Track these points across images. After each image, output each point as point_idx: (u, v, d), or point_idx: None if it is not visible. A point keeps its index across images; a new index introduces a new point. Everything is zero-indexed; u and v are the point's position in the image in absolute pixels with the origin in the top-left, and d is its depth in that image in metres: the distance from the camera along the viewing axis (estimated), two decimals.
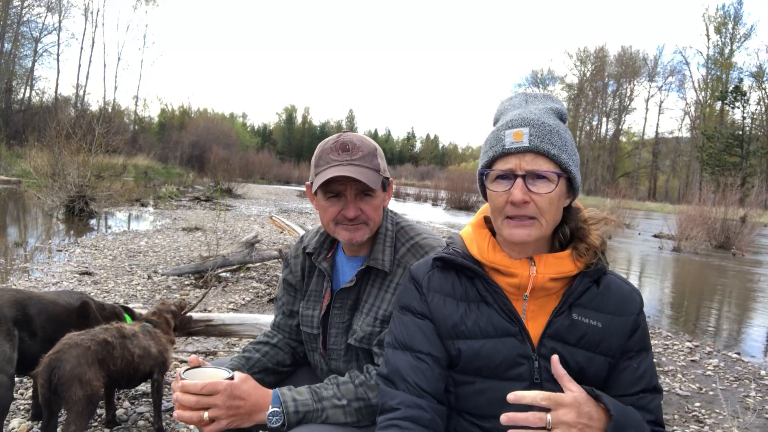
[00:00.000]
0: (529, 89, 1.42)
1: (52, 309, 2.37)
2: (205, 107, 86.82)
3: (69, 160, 11.73)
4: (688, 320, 6.48)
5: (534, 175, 1.08)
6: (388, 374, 1.18)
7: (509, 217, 1.11)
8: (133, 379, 2.35)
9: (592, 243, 1.14)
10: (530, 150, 1.08)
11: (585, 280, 1.14)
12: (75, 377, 1.95)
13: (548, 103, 1.18)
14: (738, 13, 57.81)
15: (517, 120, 1.11)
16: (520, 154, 1.09)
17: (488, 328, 1.15)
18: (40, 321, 2.28)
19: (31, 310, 2.27)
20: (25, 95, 45.88)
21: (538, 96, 1.21)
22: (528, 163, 1.08)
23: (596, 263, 1.14)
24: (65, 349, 2.00)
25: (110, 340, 2.16)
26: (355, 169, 1.37)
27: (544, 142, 1.08)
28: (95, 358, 2.05)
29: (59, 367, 1.95)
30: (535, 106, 1.16)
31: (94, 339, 2.09)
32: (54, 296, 2.48)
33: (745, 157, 48.92)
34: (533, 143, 1.08)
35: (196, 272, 6.17)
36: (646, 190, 66.84)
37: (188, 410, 1.15)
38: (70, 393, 1.94)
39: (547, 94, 1.22)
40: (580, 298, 1.13)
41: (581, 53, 72.82)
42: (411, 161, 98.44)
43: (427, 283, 1.23)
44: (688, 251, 13.74)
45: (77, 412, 1.94)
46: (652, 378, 1.15)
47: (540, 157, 1.08)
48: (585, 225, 1.18)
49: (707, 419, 3.28)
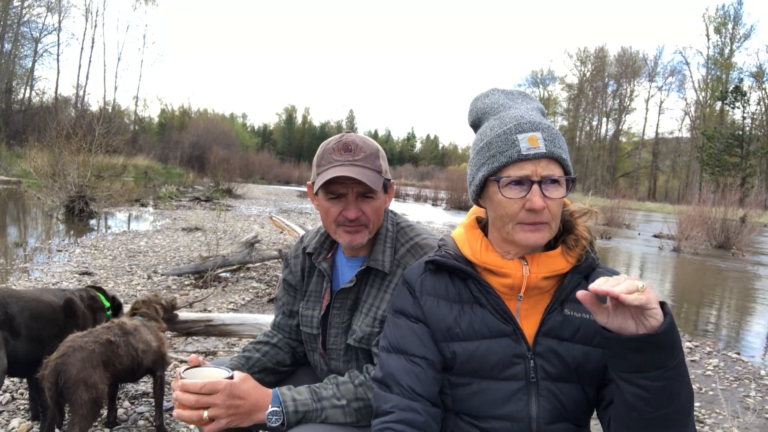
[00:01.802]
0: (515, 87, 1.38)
1: (35, 306, 2.29)
2: (205, 107, 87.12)
3: (69, 161, 11.73)
4: (688, 320, 6.48)
5: (548, 180, 1.07)
6: (382, 377, 1.18)
7: (522, 223, 1.10)
8: (137, 374, 2.35)
9: (581, 233, 1.16)
10: (546, 156, 1.07)
11: (576, 276, 1.15)
12: (81, 381, 1.96)
13: (532, 101, 1.19)
14: (738, 14, 57.92)
15: (526, 124, 1.08)
16: (536, 160, 1.06)
17: (482, 329, 1.15)
18: (22, 319, 2.21)
19: (12, 308, 2.19)
20: (25, 95, 45.96)
21: (515, 93, 1.20)
22: (543, 168, 1.07)
23: (586, 257, 1.15)
24: (70, 353, 2.00)
25: (113, 340, 2.15)
26: (357, 169, 1.37)
27: (556, 146, 1.08)
28: (100, 360, 2.05)
29: (65, 371, 1.95)
30: (525, 106, 1.16)
31: (97, 341, 2.09)
32: (36, 293, 2.41)
33: (745, 158, 48.93)
34: (549, 149, 1.06)
35: (196, 272, 6.17)
36: (646, 191, 66.85)
37: (188, 409, 1.15)
38: (76, 396, 1.94)
39: (522, 92, 1.21)
40: (571, 294, 1.13)
41: (581, 53, 72.90)
42: (411, 161, 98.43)
43: (420, 286, 1.22)
44: (688, 251, 13.74)
45: (82, 415, 1.94)
46: None
47: (553, 162, 1.08)
48: (571, 218, 1.19)
49: (707, 419, 3.28)
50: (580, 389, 1.13)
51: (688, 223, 14.63)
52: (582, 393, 1.13)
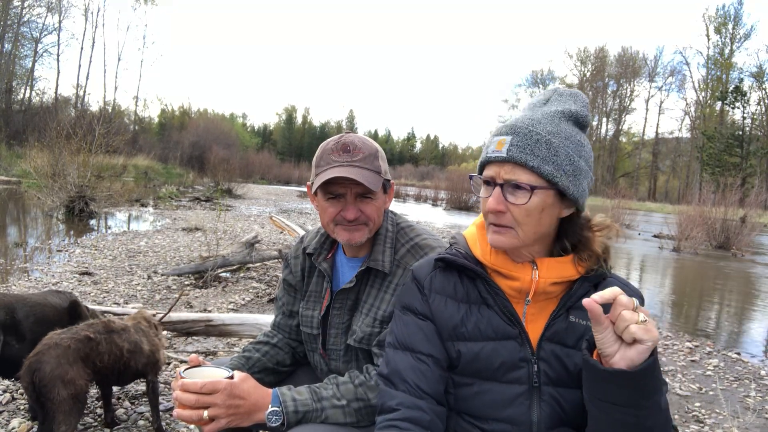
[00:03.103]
0: (561, 86, 1.31)
1: (40, 311, 2.34)
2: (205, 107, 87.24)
3: (69, 161, 11.73)
4: (688, 320, 6.48)
5: (511, 185, 1.07)
6: (388, 374, 1.18)
7: (491, 223, 1.12)
8: (124, 375, 2.30)
9: (595, 251, 1.13)
10: (507, 160, 1.07)
11: (585, 284, 1.13)
12: (56, 378, 1.92)
13: (567, 104, 1.14)
14: (738, 14, 57.91)
15: (506, 127, 1.10)
16: (500, 164, 1.08)
17: (488, 330, 1.14)
18: (28, 324, 2.25)
19: (18, 313, 2.23)
20: (26, 95, 45.91)
21: (564, 94, 1.16)
22: (507, 172, 1.07)
23: (597, 269, 1.13)
24: (44, 350, 1.97)
25: (93, 337, 2.11)
26: (356, 170, 1.37)
27: (524, 152, 1.06)
28: (77, 356, 2.01)
29: (40, 369, 1.92)
30: (548, 108, 1.13)
31: (74, 337, 2.05)
32: (41, 298, 2.43)
33: (745, 158, 48.91)
34: (510, 153, 1.06)
35: (196, 272, 6.17)
36: (646, 191, 66.87)
37: (188, 409, 1.15)
38: (53, 394, 1.91)
39: (574, 93, 1.16)
40: (578, 301, 1.12)
41: (581, 53, 72.95)
42: (411, 161, 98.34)
43: (429, 284, 1.22)
44: (688, 251, 13.74)
45: (64, 412, 1.92)
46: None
47: (519, 167, 1.06)
48: (590, 233, 1.15)
49: (707, 419, 3.28)
50: (580, 395, 1.13)
51: (688, 223, 14.63)
52: (582, 399, 1.13)
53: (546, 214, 1.09)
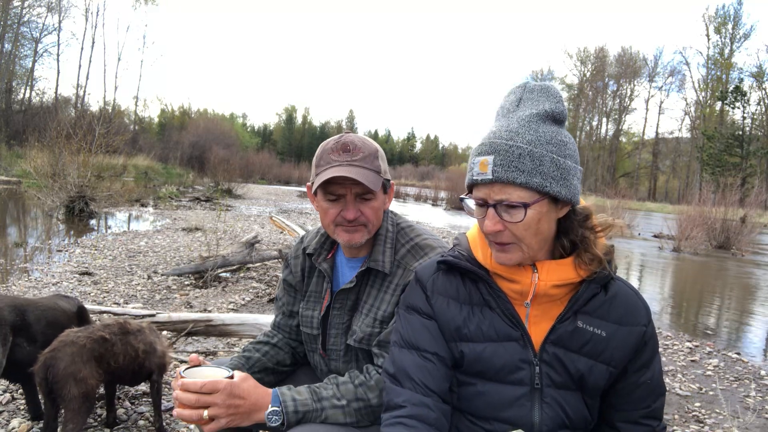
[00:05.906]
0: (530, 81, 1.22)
1: (51, 315, 2.38)
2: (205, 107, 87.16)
3: (69, 161, 11.73)
4: (688, 320, 6.48)
5: (504, 204, 1.04)
6: (394, 372, 1.18)
7: (492, 242, 1.11)
8: (138, 375, 2.34)
9: (596, 254, 1.10)
10: (495, 181, 1.04)
11: (592, 286, 1.11)
12: (69, 375, 1.94)
13: (540, 104, 1.07)
14: (738, 14, 57.83)
15: (485, 146, 1.06)
16: (490, 185, 1.05)
17: (490, 332, 1.14)
18: (39, 327, 2.29)
19: (29, 316, 2.28)
20: (26, 95, 45.88)
21: (534, 91, 1.09)
22: (496, 192, 1.05)
23: (601, 271, 1.11)
24: (60, 347, 1.99)
25: (108, 337, 2.13)
26: (355, 170, 1.37)
27: (509, 171, 1.02)
28: (91, 355, 2.04)
29: (54, 366, 1.94)
30: (522, 113, 1.07)
31: (90, 336, 2.08)
32: (51, 302, 2.48)
33: (745, 158, 48.88)
34: (496, 174, 1.03)
35: (196, 272, 6.17)
36: (646, 191, 66.84)
37: (188, 409, 1.15)
38: (65, 391, 1.93)
39: (544, 88, 1.10)
40: (586, 305, 1.11)
41: (581, 53, 72.87)
42: (411, 161, 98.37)
43: (431, 285, 1.22)
44: (688, 251, 13.74)
45: (73, 410, 1.93)
46: (661, 383, 1.16)
47: (508, 186, 1.03)
48: (591, 234, 1.12)
49: (707, 419, 3.28)
50: (582, 399, 1.13)
51: (688, 223, 14.62)
52: (584, 403, 1.13)
53: (544, 221, 1.07)
